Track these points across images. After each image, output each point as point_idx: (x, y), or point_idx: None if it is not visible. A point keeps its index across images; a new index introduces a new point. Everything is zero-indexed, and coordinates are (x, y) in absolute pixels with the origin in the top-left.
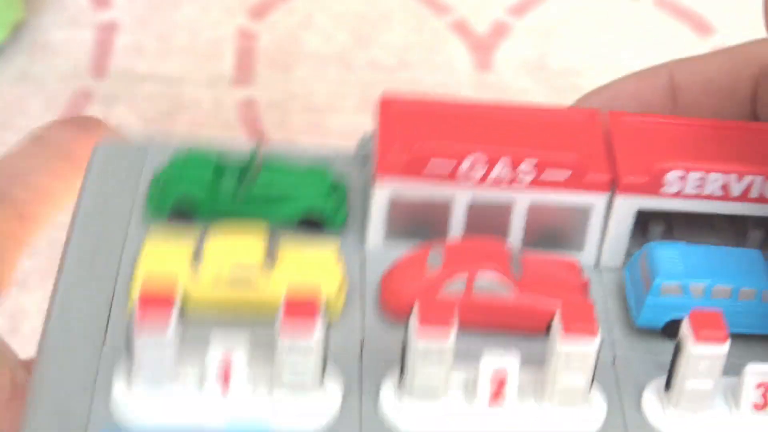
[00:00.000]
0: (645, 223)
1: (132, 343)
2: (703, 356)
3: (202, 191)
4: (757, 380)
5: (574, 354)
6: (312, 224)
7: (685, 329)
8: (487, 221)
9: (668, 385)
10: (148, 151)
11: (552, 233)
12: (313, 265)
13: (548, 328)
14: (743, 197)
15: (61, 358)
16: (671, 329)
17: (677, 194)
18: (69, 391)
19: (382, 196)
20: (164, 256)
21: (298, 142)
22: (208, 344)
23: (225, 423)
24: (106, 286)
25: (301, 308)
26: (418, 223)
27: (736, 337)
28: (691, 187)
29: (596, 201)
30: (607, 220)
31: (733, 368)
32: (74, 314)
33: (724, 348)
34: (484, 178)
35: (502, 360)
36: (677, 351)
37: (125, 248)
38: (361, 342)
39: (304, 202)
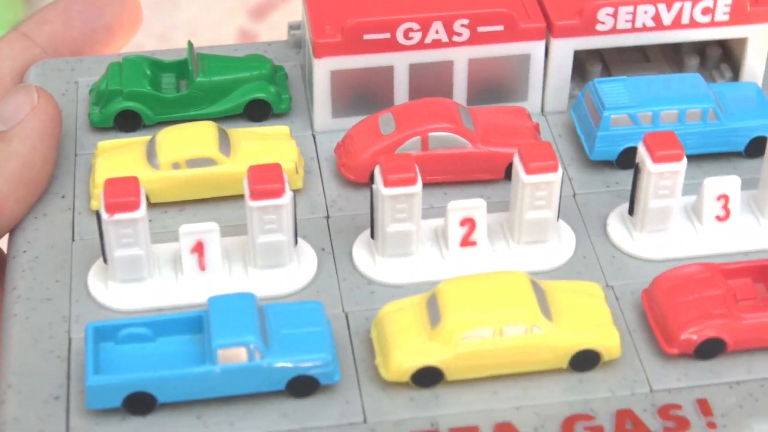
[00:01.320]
0: (583, 67)
1: (104, 241)
2: (662, 175)
3: (144, 92)
4: (716, 193)
5: (539, 189)
6: (258, 111)
7: (642, 152)
8: (431, 83)
9: (631, 209)
10: (83, 64)
11: (496, 87)
12: (268, 144)
13: (507, 172)
14: (675, 25)
15: (34, 257)
16: (625, 159)
17: (611, 31)
18: (47, 293)
19: (322, 76)
20: (118, 158)
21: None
22: (180, 232)
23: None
24: (66, 191)
25: (265, 172)
26: (363, 98)
27: (688, 158)
28: (623, 22)
29: (533, 49)
30: (547, 66)
31: (687, 189)
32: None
33: (682, 165)
34: (421, 43)
35: (469, 205)
36: (637, 174)
37: (77, 155)
38: (326, 209)
39: (248, 90)
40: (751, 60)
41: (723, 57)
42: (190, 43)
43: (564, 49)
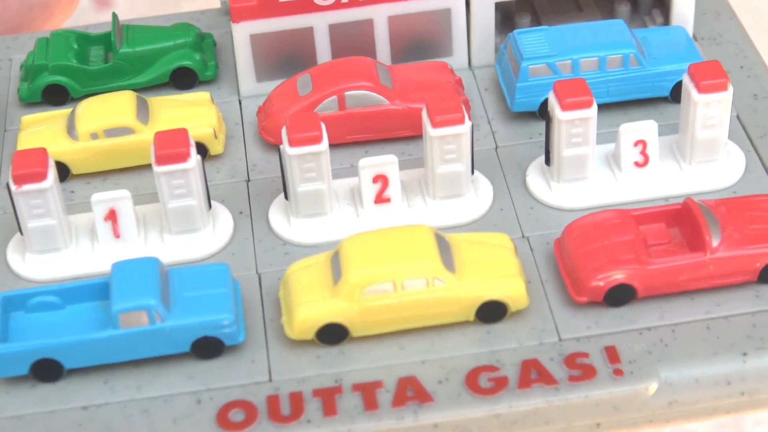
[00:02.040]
0: (512, 19)
1: (16, 212)
2: (573, 122)
3: (70, 65)
4: (632, 138)
5: (447, 142)
6: (185, 79)
7: (552, 100)
8: (353, 43)
9: (548, 159)
10: (18, 42)
11: (419, 43)
12: (187, 111)
13: None
14: None
15: None
16: (546, 109)
17: None
18: None
19: (242, 41)
20: (40, 131)
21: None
22: (92, 201)
23: None
24: None
25: (171, 137)
26: (287, 61)
27: (613, 106)
28: None
29: (453, 2)
30: (469, 20)
31: (612, 137)
32: None
33: (592, 111)
34: (338, 2)
35: (380, 161)
36: (548, 123)
37: (6, 131)
38: (247, 173)
39: (172, 58)
40: (679, 4)
41: (655, 2)
42: (114, 15)
43: (484, 1)
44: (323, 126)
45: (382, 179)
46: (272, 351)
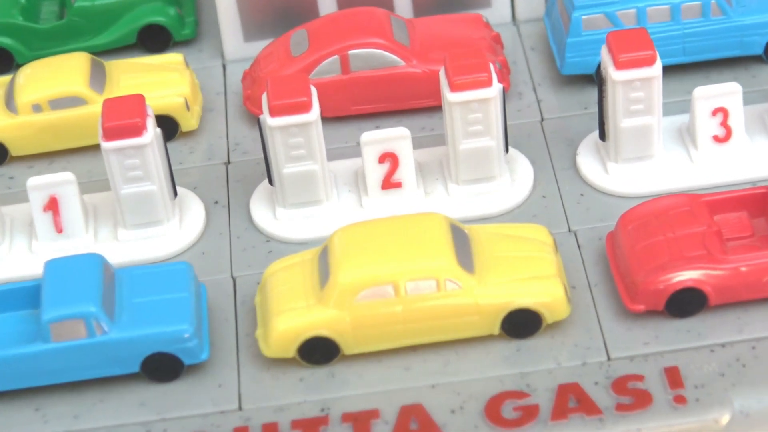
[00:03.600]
0: None
1: None
2: (631, 84)
3: (13, 23)
4: (710, 105)
5: (471, 111)
6: (157, 40)
7: (605, 56)
8: None
9: (602, 134)
10: None
11: None
12: (153, 77)
13: None
14: None
15: None
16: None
17: None
18: None
19: None
20: None
21: None
22: (27, 186)
23: None
24: None
25: (123, 105)
26: (281, 15)
27: (691, 68)
28: None
29: None
30: None
31: (687, 106)
32: None
33: (656, 69)
34: None
35: (388, 136)
36: (601, 85)
37: None
38: (227, 154)
39: (140, 13)
40: None
41: None
42: None
43: None
44: (314, 90)
45: (391, 158)
46: (244, 373)
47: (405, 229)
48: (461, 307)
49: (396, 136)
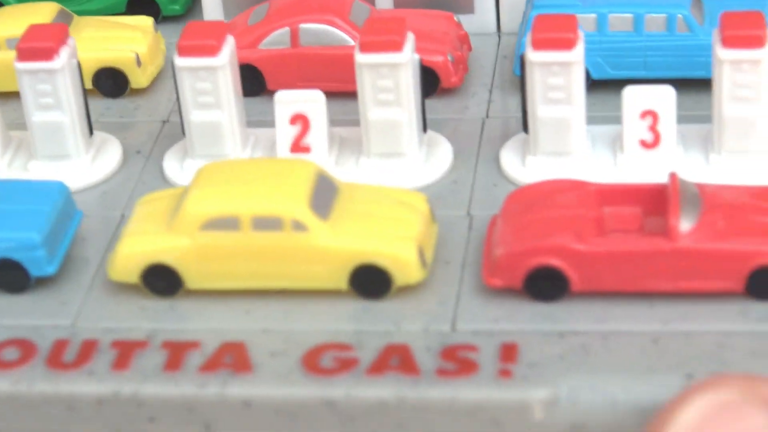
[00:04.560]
0: None
1: None
2: (549, 68)
3: None
4: (638, 106)
5: (381, 77)
6: (145, 12)
7: (527, 39)
8: None
9: (525, 125)
10: None
11: None
12: (115, 33)
13: None
14: None
15: None
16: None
17: None
18: None
19: None
20: None
21: None
22: None
23: None
24: None
25: (43, 31)
26: None
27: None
28: None
29: None
30: None
31: None
32: None
33: (575, 54)
34: None
35: (301, 97)
36: (522, 71)
37: None
38: (168, 114)
39: None
40: None
41: None
42: None
43: None
44: (230, 38)
45: (301, 121)
46: (92, 295)
47: (269, 170)
48: (305, 251)
49: (309, 99)
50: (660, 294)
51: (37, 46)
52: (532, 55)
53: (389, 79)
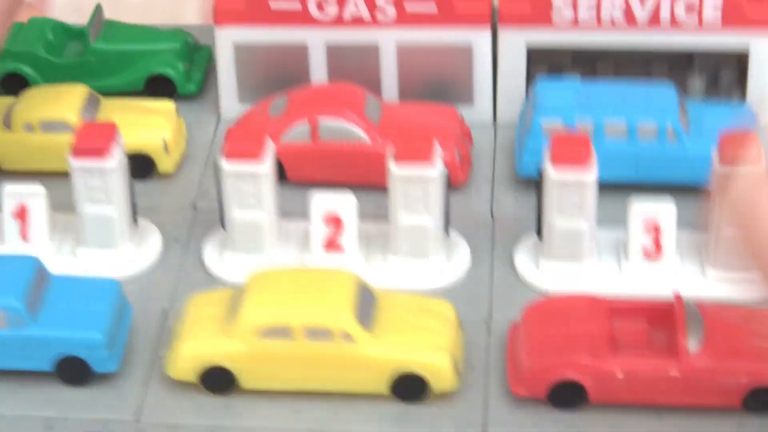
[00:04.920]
0: (560, 69)
1: None
2: (566, 185)
3: (34, 54)
4: (643, 220)
5: (411, 184)
6: (162, 91)
7: (546, 156)
8: (355, 71)
9: (539, 230)
10: None
11: (434, 83)
12: (142, 119)
13: None
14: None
15: None
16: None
17: (572, 25)
18: None
19: (226, 49)
20: None
21: None
22: (3, 192)
23: None
24: None
25: (97, 130)
26: (276, 82)
27: (647, 191)
28: (584, 10)
29: (476, 38)
30: (496, 62)
31: None
32: None
33: (590, 174)
34: (339, 19)
35: (335, 200)
36: (540, 184)
37: None
38: (196, 198)
39: (151, 63)
40: (756, 78)
41: (738, 78)
42: (97, 6)
43: (514, 41)
44: (270, 143)
45: (335, 222)
46: (150, 391)
47: (315, 281)
48: (353, 360)
49: (342, 201)
50: (667, 407)
51: (93, 146)
52: (552, 174)
53: (420, 190)
